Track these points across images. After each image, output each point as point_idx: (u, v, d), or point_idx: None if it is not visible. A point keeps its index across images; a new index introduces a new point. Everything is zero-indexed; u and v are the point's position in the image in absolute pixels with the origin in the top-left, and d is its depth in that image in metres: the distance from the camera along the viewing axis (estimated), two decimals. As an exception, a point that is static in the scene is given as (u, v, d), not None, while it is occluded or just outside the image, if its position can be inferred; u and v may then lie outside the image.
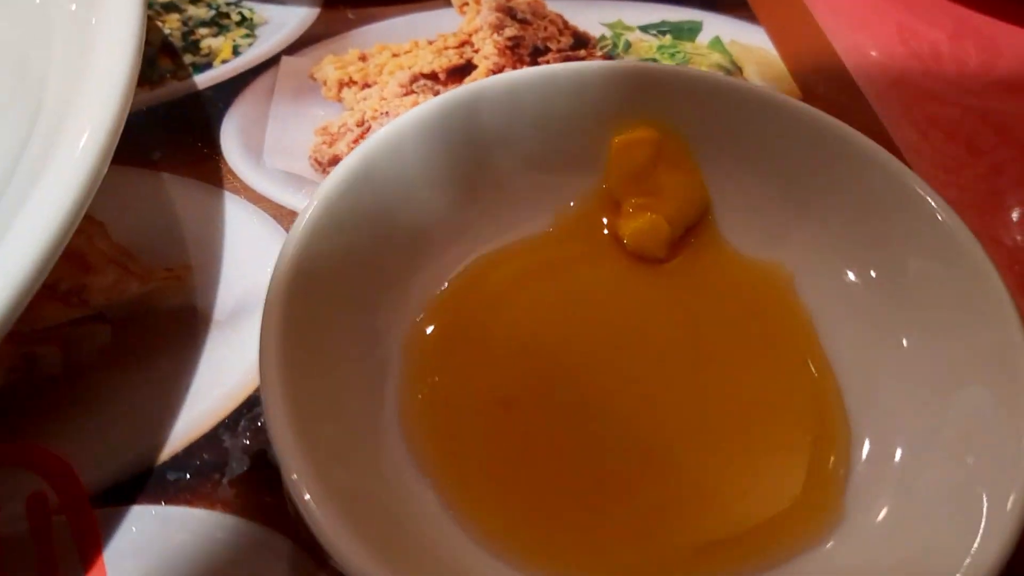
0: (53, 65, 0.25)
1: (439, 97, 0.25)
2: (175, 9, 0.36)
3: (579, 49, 0.36)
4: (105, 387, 0.25)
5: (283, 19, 0.36)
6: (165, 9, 0.36)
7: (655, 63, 0.34)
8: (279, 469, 0.18)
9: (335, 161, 0.31)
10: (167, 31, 0.35)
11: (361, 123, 0.32)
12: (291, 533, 0.22)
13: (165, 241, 0.28)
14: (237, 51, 0.35)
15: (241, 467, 0.23)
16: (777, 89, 0.26)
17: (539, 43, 0.35)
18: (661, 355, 0.24)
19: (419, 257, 0.25)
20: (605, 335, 0.25)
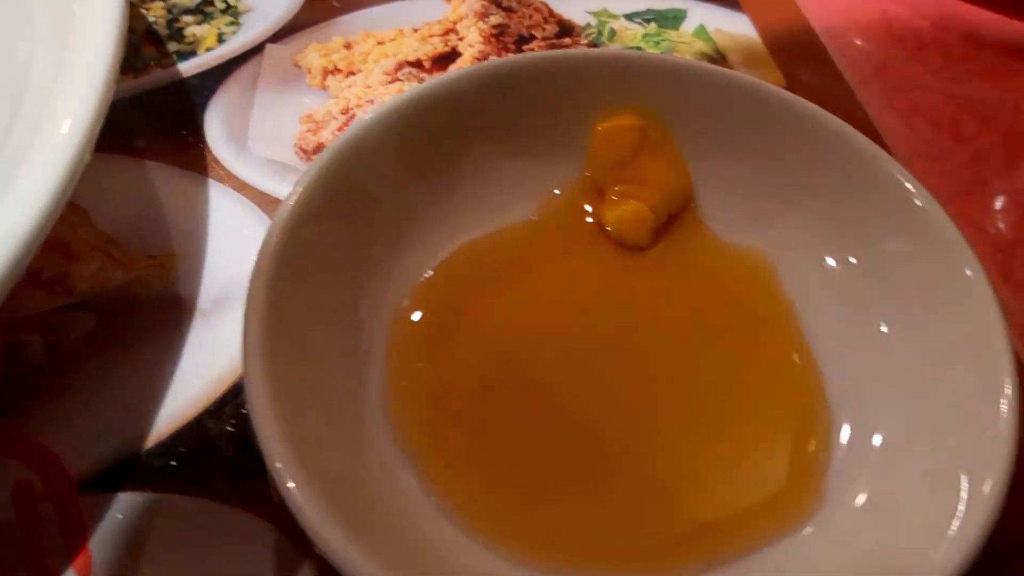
0: (36, 52, 0.25)
1: (422, 84, 0.25)
2: (159, -4, 0.36)
3: (564, 37, 0.36)
4: (90, 375, 0.25)
5: (268, 7, 0.36)
6: (149, -4, 0.36)
7: (639, 51, 0.35)
8: (263, 456, 0.18)
9: (320, 149, 0.30)
10: (151, 18, 0.35)
11: (346, 111, 0.32)
12: (276, 520, 0.22)
13: (149, 229, 0.28)
14: (222, 39, 0.35)
15: (226, 454, 0.23)
16: (761, 77, 0.26)
17: (524, 31, 0.35)
18: (644, 342, 0.25)
19: (403, 244, 0.25)
20: (589, 322, 0.25)
